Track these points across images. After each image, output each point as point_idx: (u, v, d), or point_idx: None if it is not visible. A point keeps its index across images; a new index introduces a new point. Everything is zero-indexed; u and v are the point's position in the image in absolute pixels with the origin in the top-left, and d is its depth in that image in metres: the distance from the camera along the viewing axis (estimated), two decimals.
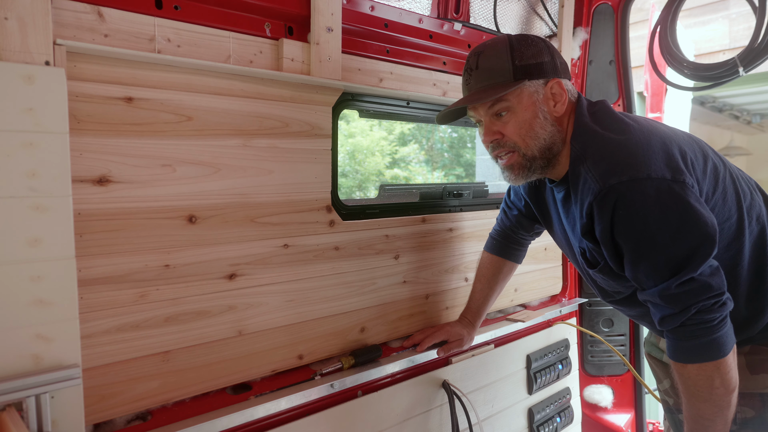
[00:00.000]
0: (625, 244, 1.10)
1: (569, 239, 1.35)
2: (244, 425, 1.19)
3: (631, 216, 1.06)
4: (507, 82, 1.17)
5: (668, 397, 1.55)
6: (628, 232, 1.08)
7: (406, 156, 9.16)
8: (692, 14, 5.06)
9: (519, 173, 1.23)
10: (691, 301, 1.06)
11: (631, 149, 1.09)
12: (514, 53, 1.17)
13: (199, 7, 1.15)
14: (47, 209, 0.88)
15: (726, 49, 4.87)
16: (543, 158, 1.21)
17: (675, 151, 1.11)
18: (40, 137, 0.88)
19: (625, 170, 1.06)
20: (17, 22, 0.86)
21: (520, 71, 1.17)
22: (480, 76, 1.19)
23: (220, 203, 1.19)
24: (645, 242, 1.07)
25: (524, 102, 1.18)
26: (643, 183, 1.04)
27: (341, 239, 1.45)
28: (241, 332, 1.25)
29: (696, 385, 1.09)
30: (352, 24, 1.44)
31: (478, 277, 1.69)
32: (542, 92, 1.19)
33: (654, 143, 1.11)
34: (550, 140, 1.20)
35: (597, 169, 1.10)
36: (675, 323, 1.09)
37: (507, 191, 1.65)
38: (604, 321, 2.28)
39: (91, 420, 1.04)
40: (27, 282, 0.87)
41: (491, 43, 1.21)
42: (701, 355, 1.07)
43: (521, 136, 1.19)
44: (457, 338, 1.63)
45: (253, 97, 1.23)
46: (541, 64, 1.18)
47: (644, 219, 1.05)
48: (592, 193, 1.10)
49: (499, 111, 1.19)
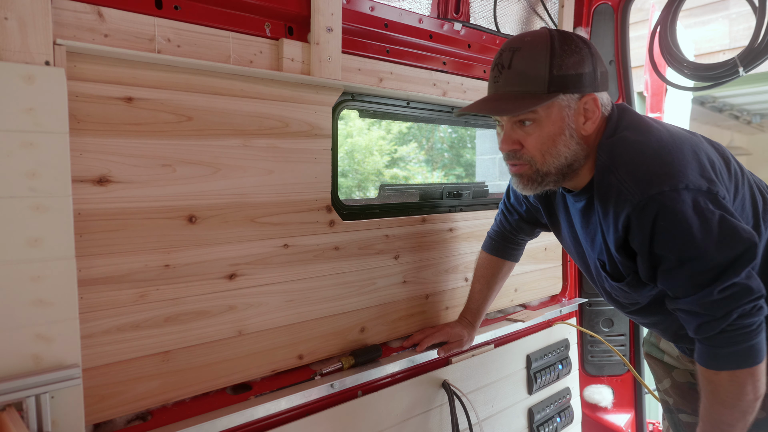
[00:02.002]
0: (665, 255, 1.06)
1: (584, 250, 1.31)
2: (244, 425, 1.19)
3: (673, 226, 1.02)
4: (539, 93, 1.07)
5: (668, 396, 1.54)
6: (670, 243, 1.04)
7: (406, 156, 9.16)
8: (692, 14, 5.06)
9: (528, 185, 1.17)
10: (732, 306, 1.03)
11: (666, 158, 1.05)
12: (553, 59, 1.06)
13: (199, 7, 1.15)
14: (47, 209, 0.88)
15: (726, 49, 4.87)
16: (558, 174, 1.15)
17: (705, 160, 1.08)
18: (40, 137, 0.87)
19: (664, 180, 1.02)
20: (17, 22, 0.86)
21: (556, 82, 1.06)
22: (511, 77, 1.09)
23: (220, 203, 1.19)
24: (688, 252, 1.03)
25: (553, 116, 1.09)
26: (683, 193, 1.01)
27: (341, 239, 1.45)
28: (241, 332, 1.25)
29: (726, 392, 1.07)
30: (352, 24, 1.44)
31: (476, 277, 1.68)
32: (574, 107, 1.10)
33: (686, 151, 1.07)
34: (572, 158, 1.13)
35: (632, 179, 1.05)
36: (714, 330, 1.05)
37: (506, 193, 1.63)
38: (604, 321, 2.28)
39: (91, 420, 1.04)
40: (27, 282, 0.87)
41: (530, 40, 1.09)
42: (738, 362, 1.05)
43: (541, 152, 1.12)
44: (457, 338, 1.63)
45: (253, 97, 1.23)
46: (581, 76, 1.08)
47: (687, 229, 1.01)
48: (630, 204, 1.05)
49: (524, 120, 1.11)
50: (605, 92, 1.16)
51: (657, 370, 1.57)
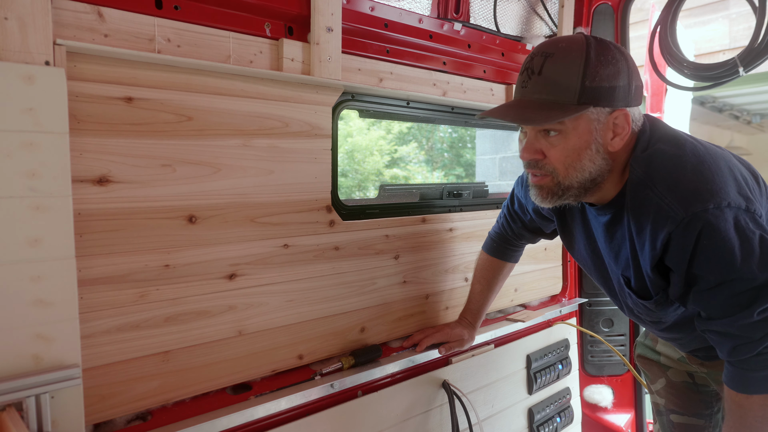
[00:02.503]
0: (705, 275, 1.02)
1: (606, 265, 1.27)
2: (244, 425, 1.19)
3: (715, 245, 0.99)
4: (569, 104, 1.01)
5: (660, 398, 1.53)
6: (711, 263, 1.00)
7: (406, 156, 9.16)
8: (692, 14, 5.06)
9: (547, 197, 1.11)
10: None
11: (706, 174, 1.02)
12: (587, 69, 1.00)
13: (199, 7, 1.15)
14: (47, 209, 0.88)
15: (726, 49, 4.87)
16: (580, 188, 1.10)
17: (740, 176, 1.06)
18: (40, 137, 0.87)
19: (708, 197, 0.99)
20: (17, 22, 0.86)
21: (588, 94, 1.01)
22: (540, 84, 1.03)
23: (220, 203, 1.19)
24: (729, 272, 0.99)
25: (580, 129, 1.04)
26: (726, 212, 0.98)
27: (341, 239, 1.45)
28: (241, 332, 1.25)
29: (756, 416, 1.04)
30: (352, 24, 1.44)
31: (476, 277, 1.68)
32: (603, 121, 1.05)
33: (723, 167, 1.04)
34: (596, 173, 1.08)
35: (674, 195, 1.01)
36: (751, 352, 1.02)
37: (510, 197, 1.59)
38: (604, 321, 2.28)
39: (91, 420, 1.04)
40: (27, 282, 0.87)
41: (565, 46, 1.03)
42: None
43: (564, 165, 1.07)
44: (457, 338, 1.63)
45: (253, 97, 1.23)
46: (614, 89, 1.03)
47: (730, 249, 0.98)
48: (673, 221, 1.00)
49: (549, 130, 1.06)
50: (638, 107, 1.10)
51: (651, 371, 1.56)
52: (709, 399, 1.46)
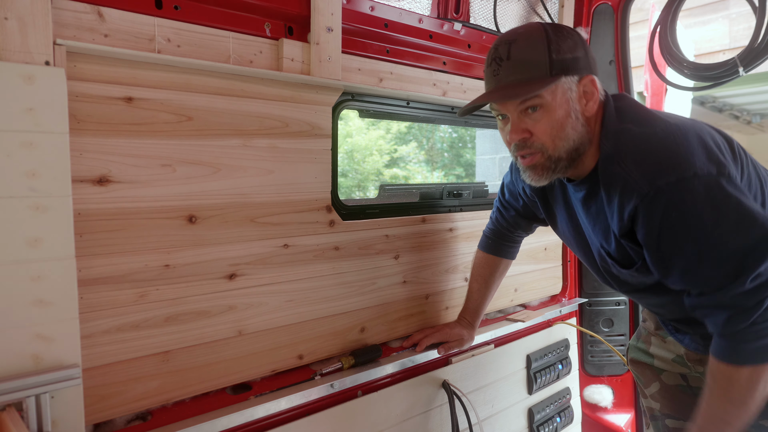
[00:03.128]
0: (680, 250, 1.03)
1: (587, 239, 1.29)
2: (244, 425, 1.19)
3: (684, 218, 1.00)
4: (543, 77, 1.08)
5: (655, 402, 1.50)
6: (684, 236, 1.01)
7: (406, 156, 9.16)
8: (692, 14, 5.06)
9: (542, 174, 1.15)
10: (764, 295, 1.00)
11: (672, 147, 1.04)
12: (551, 45, 1.08)
13: (199, 7, 1.15)
14: (47, 209, 0.88)
15: (726, 49, 4.87)
16: (568, 159, 1.14)
17: (711, 143, 1.06)
18: (40, 137, 0.87)
19: (671, 170, 1.01)
20: (17, 22, 0.86)
21: (557, 65, 1.08)
22: (512, 67, 1.09)
23: (220, 203, 1.19)
24: (704, 243, 1.00)
25: (558, 100, 1.09)
26: (691, 181, 0.99)
27: (341, 239, 1.45)
28: (241, 332, 1.25)
29: (741, 388, 1.04)
30: (352, 24, 1.44)
31: (474, 276, 1.68)
32: (575, 90, 1.11)
33: (691, 137, 1.05)
34: (579, 141, 1.13)
35: (640, 170, 1.04)
36: (746, 322, 1.01)
37: (500, 190, 1.62)
38: (604, 321, 2.28)
39: (91, 420, 1.04)
40: (27, 282, 0.87)
41: (524, 32, 1.11)
42: (761, 356, 1.02)
43: (551, 137, 1.11)
44: (457, 338, 1.63)
45: (253, 97, 1.23)
46: (577, 59, 1.10)
47: (699, 219, 0.99)
48: (638, 195, 1.03)
49: (533, 106, 1.10)
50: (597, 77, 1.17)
51: (644, 374, 1.53)
52: None
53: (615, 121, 1.13)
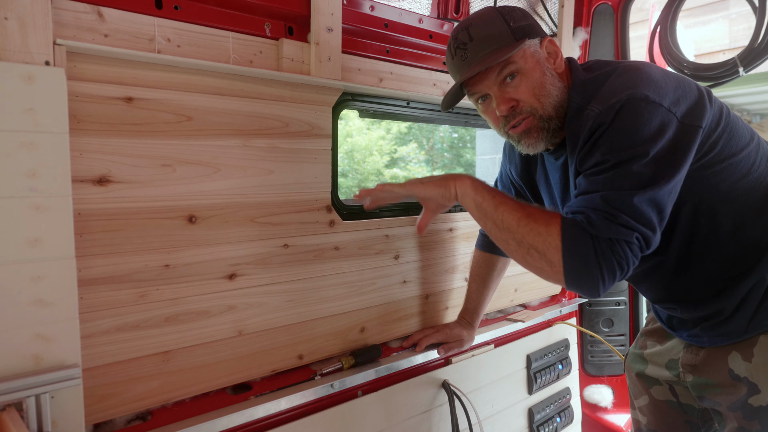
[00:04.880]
0: (606, 159, 1.00)
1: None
2: (244, 425, 1.19)
3: (622, 130, 0.99)
4: (509, 43, 1.12)
5: (642, 415, 1.47)
6: (613, 147, 0.99)
7: (406, 156, 9.16)
8: (692, 14, 5.06)
9: (538, 136, 1.15)
10: (637, 224, 0.96)
11: (631, 76, 1.05)
12: (505, 17, 1.14)
13: (199, 7, 1.15)
14: (47, 209, 0.88)
15: (726, 49, 4.87)
16: (557, 116, 1.15)
17: (677, 83, 1.05)
18: (40, 137, 0.87)
19: (624, 91, 1.01)
20: (17, 22, 0.86)
21: (519, 32, 1.13)
22: (478, 46, 1.13)
23: (220, 203, 1.19)
24: (626, 156, 0.98)
25: (530, 61, 1.14)
26: (640, 102, 0.99)
27: (341, 239, 1.45)
28: (241, 332, 1.25)
29: (528, 226, 1.02)
30: (352, 24, 1.44)
31: (472, 276, 1.68)
32: (541, 51, 1.16)
33: (655, 73, 1.06)
34: (561, 96, 1.15)
35: (598, 101, 1.05)
36: (606, 233, 0.95)
37: (494, 183, 1.63)
38: (604, 321, 2.28)
39: (91, 420, 1.04)
40: (27, 282, 0.87)
41: (477, 15, 1.17)
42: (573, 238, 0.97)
43: (536, 96, 1.13)
44: (457, 339, 1.64)
45: (253, 97, 1.23)
46: (532, 26, 1.17)
47: (633, 135, 0.98)
48: (592, 118, 1.03)
49: (510, 74, 1.13)
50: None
51: (635, 385, 1.49)
52: (695, 421, 1.38)
53: (582, 74, 1.17)
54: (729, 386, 1.18)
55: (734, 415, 1.18)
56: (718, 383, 1.21)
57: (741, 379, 1.15)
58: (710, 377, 1.22)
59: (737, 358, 1.16)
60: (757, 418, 1.13)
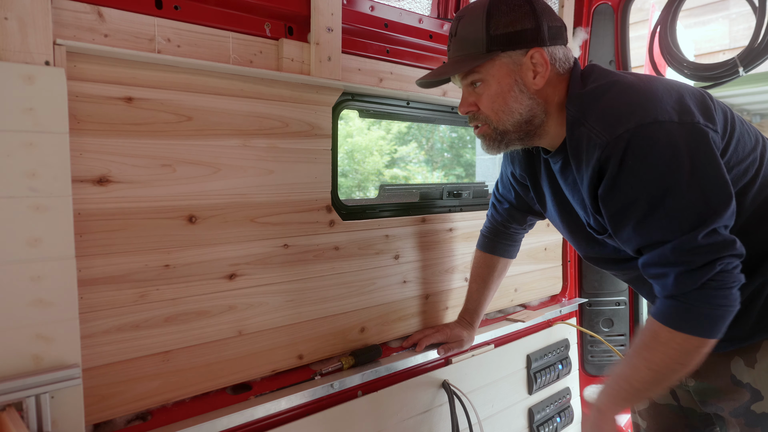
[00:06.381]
0: (635, 202, 0.99)
1: (570, 211, 1.26)
2: (244, 425, 1.19)
3: (641, 165, 0.96)
4: (478, 53, 1.09)
5: (641, 419, 1.46)
6: (639, 185, 0.98)
7: (406, 156, 9.16)
8: (692, 14, 5.06)
9: (491, 144, 1.17)
10: (715, 255, 0.95)
11: (632, 96, 1.01)
12: (490, 21, 1.08)
13: (199, 7, 1.15)
14: (47, 209, 0.88)
15: (726, 49, 4.87)
16: (518, 132, 1.14)
17: (681, 93, 1.03)
18: (40, 137, 0.88)
19: (631, 117, 0.97)
20: (17, 22, 0.86)
21: (495, 42, 1.08)
22: (457, 44, 1.14)
23: (220, 203, 1.19)
24: (659, 191, 0.96)
25: (497, 74, 1.10)
26: (651, 127, 0.96)
27: (341, 239, 1.45)
28: (241, 332, 1.25)
29: (665, 353, 1.01)
30: (352, 24, 1.44)
31: (473, 276, 1.67)
32: (521, 63, 1.10)
33: (656, 87, 1.02)
34: (528, 114, 1.12)
35: (600, 124, 1.01)
36: (695, 283, 0.96)
37: (496, 185, 1.62)
38: (604, 321, 2.28)
39: (91, 420, 1.04)
40: (27, 282, 0.87)
41: (471, 7, 1.13)
42: (699, 327, 0.97)
43: (493, 110, 1.13)
44: (457, 339, 1.63)
45: (252, 97, 1.23)
46: (521, 33, 1.08)
47: (656, 166, 0.95)
48: (599, 147, 1.00)
49: (473, 82, 1.14)
50: (561, 47, 1.13)
51: None
52: (696, 425, 1.36)
53: (578, 86, 1.11)
54: (731, 392, 1.16)
55: (736, 420, 1.17)
56: (720, 388, 1.19)
57: (744, 385, 1.14)
58: (712, 382, 1.21)
59: (740, 363, 1.15)
60: (759, 424, 1.12)
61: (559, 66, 1.12)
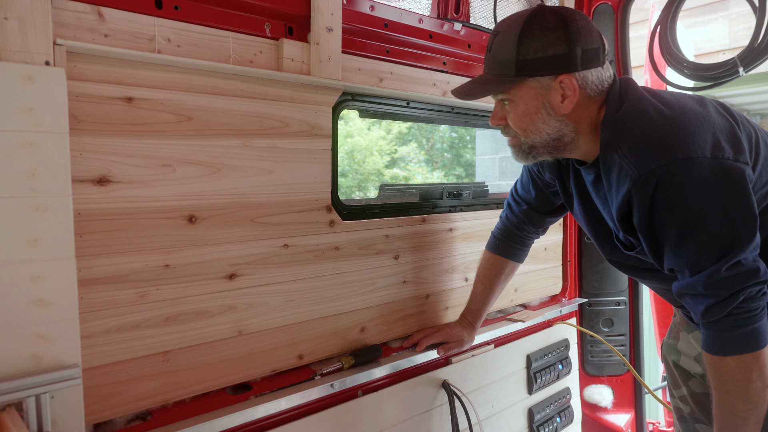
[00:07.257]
0: (667, 231, 1.05)
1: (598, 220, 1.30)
2: (244, 425, 1.19)
3: (673, 200, 1.01)
4: (507, 76, 1.12)
5: (684, 404, 1.48)
6: (671, 217, 1.03)
7: (406, 156, 9.16)
8: (692, 14, 5.06)
9: (520, 155, 1.23)
10: (739, 286, 1.01)
11: (666, 129, 1.04)
12: (521, 44, 1.09)
13: (199, 7, 1.15)
14: (47, 209, 0.88)
15: (726, 49, 4.87)
16: (547, 147, 1.19)
17: (714, 127, 1.05)
18: (40, 137, 0.88)
19: (664, 153, 1.01)
20: (17, 22, 0.86)
21: (524, 67, 1.10)
22: (490, 61, 1.17)
23: (220, 203, 1.19)
24: (689, 225, 1.02)
25: (525, 96, 1.14)
26: (683, 164, 1.00)
27: (341, 239, 1.45)
28: (241, 332, 1.25)
29: (733, 379, 1.05)
30: (352, 24, 1.44)
31: (479, 277, 1.67)
32: (550, 87, 1.11)
33: (690, 120, 1.05)
34: (556, 134, 1.16)
35: (633, 155, 1.05)
36: (721, 313, 1.03)
37: (514, 185, 1.62)
38: (604, 321, 2.28)
39: (91, 420, 1.04)
40: (27, 282, 0.87)
41: (508, 24, 1.13)
42: (742, 345, 1.03)
43: (521, 128, 1.17)
44: (457, 339, 1.63)
45: (253, 97, 1.23)
46: (551, 59, 1.08)
47: (687, 201, 1.00)
48: (631, 179, 1.05)
49: (503, 99, 1.18)
50: (595, 69, 1.12)
51: (672, 375, 1.51)
52: None
53: (615, 108, 1.13)
54: None
55: None
56: None
57: None
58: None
59: None
60: None
61: (590, 90, 1.13)
